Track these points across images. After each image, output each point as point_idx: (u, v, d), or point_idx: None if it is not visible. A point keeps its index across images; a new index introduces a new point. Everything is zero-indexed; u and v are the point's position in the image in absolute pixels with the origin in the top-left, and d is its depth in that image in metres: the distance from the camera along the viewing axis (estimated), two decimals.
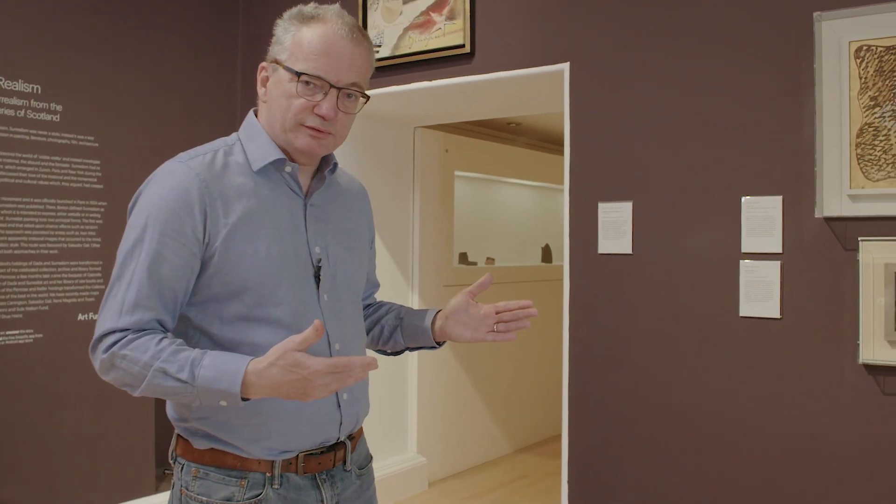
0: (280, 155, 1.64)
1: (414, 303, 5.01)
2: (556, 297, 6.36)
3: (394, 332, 1.92)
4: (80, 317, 3.84)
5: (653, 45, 3.15)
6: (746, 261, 2.93)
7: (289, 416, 1.60)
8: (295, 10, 1.65)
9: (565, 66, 3.35)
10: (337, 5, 1.68)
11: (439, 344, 1.89)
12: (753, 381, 2.91)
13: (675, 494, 3.07)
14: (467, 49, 3.63)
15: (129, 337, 1.49)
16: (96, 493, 3.88)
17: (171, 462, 1.69)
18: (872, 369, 2.70)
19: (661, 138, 3.12)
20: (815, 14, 2.77)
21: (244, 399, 1.46)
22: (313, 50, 1.59)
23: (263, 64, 1.68)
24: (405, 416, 5.06)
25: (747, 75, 2.95)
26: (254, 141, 1.66)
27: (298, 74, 1.58)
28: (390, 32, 3.90)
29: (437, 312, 1.87)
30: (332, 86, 1.60)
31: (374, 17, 3.97)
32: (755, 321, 2.91)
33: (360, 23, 3.98)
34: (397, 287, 4.93)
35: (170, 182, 1.56)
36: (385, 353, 1.98)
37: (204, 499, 1.59)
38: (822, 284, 2.79)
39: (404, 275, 4.98)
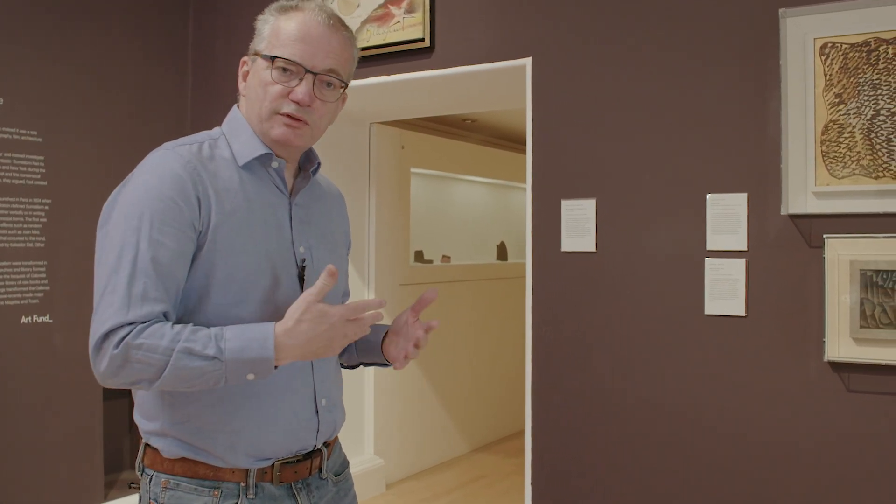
0: (266, 150, 1.59)
1: None
2: (511, 295, 6.35)
3: (349, 345, 1.82)
4: (24, 319, 3.69)
5: (616, 41, 3.11)
6: (711, 258, 2.90)
7: (265, 422, 1.56)
8: (276, 3, 1.62)
9: (527, 61, 3.29)
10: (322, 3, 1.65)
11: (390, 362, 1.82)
12: (719, 379, 2.89)
13: (641, 493, 3.04)
14: (427, 43, 3.56)
15: (140, 327, 1.40)
16: (41, 501, 3.73)
17: (138, 474, 1.62)
18: (838, 367, 2.69)
19: (625, 135, 3.08)
20: (780, 10, 2.75)
21: (275, 367, 1.44)
22: (290, 36, 1.55)
23: (244, 58, 1.64)
24: (362, 417, 4.98)
25: (712, 72, 2.92)
26: (239, 136, 1.62)
27: (273, 59, 1.55)
28: (348, 25, 3.81)
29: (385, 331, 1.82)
30: (307, 71, 1.56)
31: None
32: (720, 319, 2.89)
33: None
34: (353, 286, 4.84)
35: (162, 169, 1.50)
36: (342, 365, 1.90)
37: None
38: (787, 282, 2.78)
39: (360, 273, 4.89)
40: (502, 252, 7.00)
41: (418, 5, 3.59)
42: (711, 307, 2.90)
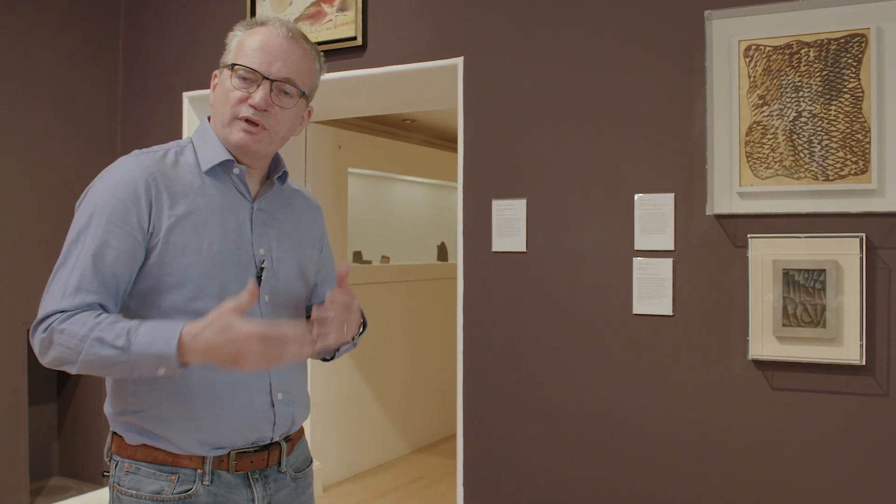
0: (228, 157, 1.69)
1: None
2: (451, 295, 6.32)
3: None
4: None
5: (547, 42, 3.11)
6: (639, 258, 2.92)
7: (221, 411, 1.63)
8: (245, 20, 1.75)
9: (459, 61, 3.29)
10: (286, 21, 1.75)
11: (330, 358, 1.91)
12: (647, 378, 2.91)
13: (571, 492, 3.05)
14: (359, 42, 3.53)
15: (68, 314, 1.51)
16: None
17: (107, 461, 1.71)
18: (761, 364, 2.73)
19: (555, 135, 3.09)
20: (706, 13, 2.78)
21: (183, 365, 1.48)
22: (252, 47, 1.67)
23: (215, 72, 1.74)
24: None
25: (640, 73, 2.94)
26: (205, 143, 1.72)
27: (233, 67, 1.66)
28: None
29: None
30: (264, 77, 1.65)
31: (262, 7, 3.82)
32: (648, 318, 2.91)
33: (249, 12, 3.85)
34: None
35: (119, 173, 1.62)
36: (324, 359, 1.95)
37: (134, 492, 1.61)
38: (712, 281, 2.81)
39: None
40: (443, 253, 7.00)
41: (350, 4, 3.56)
42: (640, 306, 2.92)
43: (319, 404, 5.02)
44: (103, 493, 4.15)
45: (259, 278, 1.70)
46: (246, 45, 1.67)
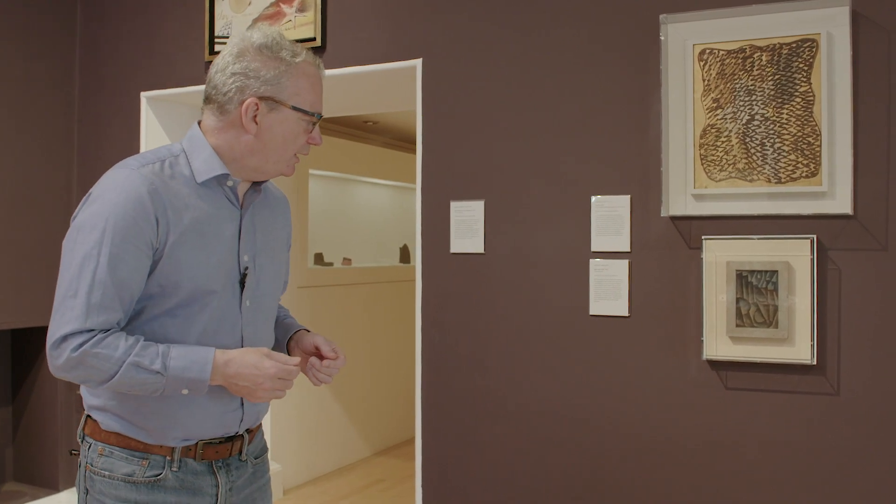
0: (224, 170, 1.75)
1: None
2: (414, 298, 6.32)
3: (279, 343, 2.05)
4: None
5: (505, 44, 3.13)
6: (596, 259, 2.94)
7: (197, 410, 1.74)
8: (261, 44, 1.74)
9: (418, 63, 3.29)
10: (298, 43, 1.82)
11: None
12: (604, 378, 2.93)
13: (529, 493, 3.06)
14: (318, 42, 3.52)
15: (99, 336, 1.60)
16: None
17: (78, 441, 1.81)
18: (716, 365, 2.76)
19: (513, 137, 3.10)
20: (661, 16, 2.81)
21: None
22: (314, 90, 1.78)
23: (254, 100, 1.72)
24: None
25: (598, 76, 2.97)
26: (199, 154, 1.76)
27: (318, 116, 1.78)
28: (239, 23, 3.74)
29: (297, 332, 2.01)
30: (318, 116, 1.80)
31: (221, 7, 3.80)
32: (605, 319, 2.93)
33: (207, 12, 3.82)
34: None
35: (127, 189, 1.65)
36: None
37: (106, 473, 1.72)
38: (668, 282, 2.84)
39: None
40: (405, 255, 6.99)
41: (310, 4, 3.55)
42: (596, 307, 2.94)
43: (280, 407, 4.99)
44: (58, 498, 4.10)
45: (242, 284, 1.80)
46: (303, 86, 1.75)
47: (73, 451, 1.85)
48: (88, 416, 1.79)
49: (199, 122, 1.81)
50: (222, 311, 1.75)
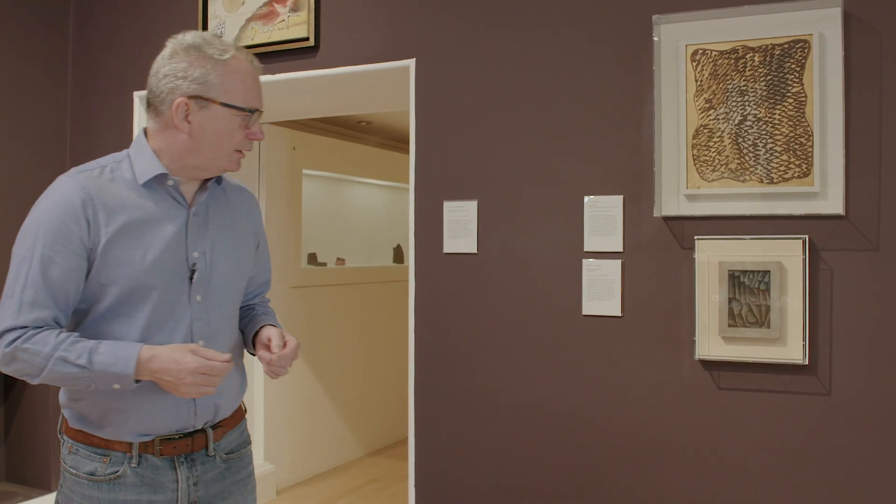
0: (162, 170, 1.81)
1: None
2: (407, 297, 6.31)
3: (246, 337, 2.08)
4: None
5: (498, 44, 3.13)
6: (589, 259, 2.95)
7: (148, 405, 1.79)
8: (189, 44, 1.79)
9: (411, 63, 3.29)
10: (229, 39, 1.82)
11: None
12: (597, 378, 2.94)
13: (522, 492, 3.06)
14: (312, 42, 3.52)
15: (30, 332, 1.69)
16: None
17: (59, 438, 1.89)
18: (708, 364, 2.77)
19: (506, 137, 3.10)
20: (654, 17, 2.82)
21: (136, 381, 1.71)
22: (245, 85, 1.81)
23: (184, 100, 1.77)
24: (252, 422, 4.88)
25: (591, 77, 2.97)
26: (141, 157, 1.83)
27: (250, 112, 1.82)
28: (232, 22, 3.74)
29: (261, 327, 2.02)
30: (259, 112, 1.86)
31: (215, 7, 3.79)
32: (597, 319, 2.94)
33: (201, 12, 3.82)
34: None
35: (58, 194, 1.75)
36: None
37: (73, 471, 1.81)
38: (660, 283, 2.84)
39: None
40: (399, 255, 6.98)
41: (303, 4, 3.54)
42: (589, 307, 2.94)
43: (273, 407, 4.99)
44: (51, 499, 4.09)
45: (191, 280, 1.84)
46: (232, 82, 1.79)
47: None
48: (63, 414, 1.88)
49: (144, 129, 1.88)
50: (167, 306, 1.80)
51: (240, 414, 2.03)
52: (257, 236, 2.09)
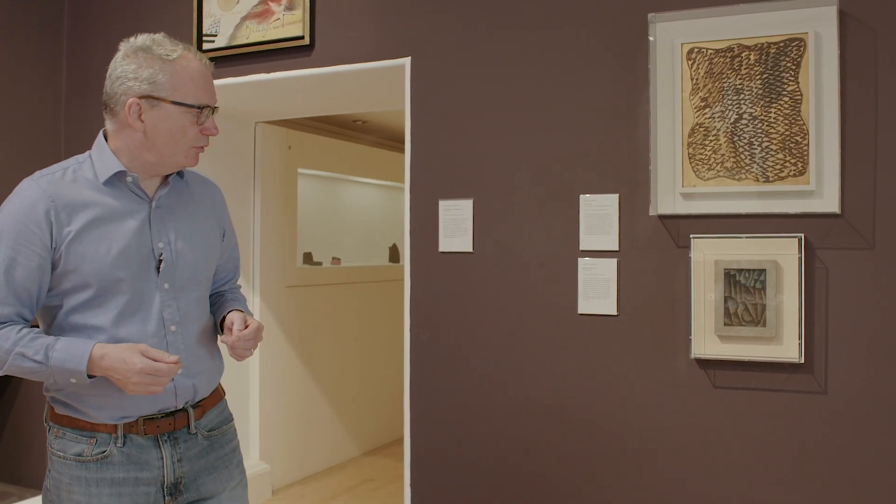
0: (120, 168, 1.89)
1: (255, 304, 4.83)
2: (402, 297, 6.30)
3: (216, 322, 2.16)
4: None
5: (494, 43, 3.13)
6: (585, 258, 2.94)
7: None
8: (139, 46, 1.88)
9: (406, 61, 3.28)
10: (179, 42, 1.93)
11: None
12: (592, 377, 2.93)
13: (517, 491, 3.05)
14: (307, 41, 3.51)
15: None
16: None
17: (45, 426, 1.97)
18: (704, 363, 2.77)
19: (502, 136, 3.10)
20: (649, 15, 2.81)
21: (90, 377, 1.80)
22: (195, 83, 1.89)
23: (135, 100, 1.85)
24: (247, 421, 4.87)
25: (586, 75, 2.96)
26: (100, 158, 1.92)
27: (200, 108, 1.90)
28: (227, 21, 3.73)
29: (228, 312, 2.09)
30: (212, 108, 1.94)
31: (210, 6, 3.78)
32: (593, 318, 2.93)
33: (196, 11, 3.81)
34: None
35: (21, 198, 1.86)
36: None
37: (61, 454, 1.89)
38: (656, 281, 2.84)
39: (245, 275, 4.79)
40: (394, 254, 6.98)
41: (298, 3, 3.53)
42: (585, 306, 2.94)
43: (269, 407, 4.98)
44: None
45: (158, 269, 1.92)
46: (187, 80, 1.88)
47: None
48: (48, 402, 1.96)
49: (103, 131, 1.96)
50: (137, 295, 1.89)
51: (217, 394, 2.11)
52: (222, 226, 2.17)
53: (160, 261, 1.93)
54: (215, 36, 3.75)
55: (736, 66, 2.71)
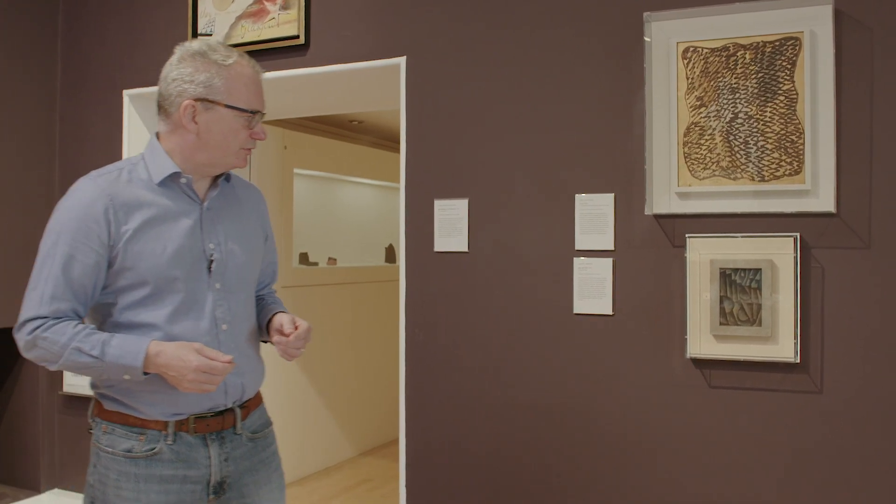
0: (175, 169, 1.96)
1: None
2: (399, 297, 6.28)
3: (259, 326, 2.23)
4: None
5: (489, 42, 3.12)
6: (580, 258, 2.94)
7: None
8: (195, 51, 1.95)
9: (402, 61, 3.27)
10: (234, 48, 2.02)
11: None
12: (588, 377, 2.93)
13: (513, 492, 3.05)
14: (302, 40, 3.50)
15: (50, 322, 1.84)
16: None
17: (90, 422, 2.02)
18: (699, 363, 2.76)
19: (497, 135, 3.09)
20: (644, 14, 2.81)
21: (145, 373, 1.85)
22: (248, 88, 1.97)
23: (191, 102, 1.92)
24: None
25: (581, 74, 2.96)
26: (154, 159, 1.98)
27: (252, 112, 1.97)
28: (222, 21, 3.72)
29: (274, 315, 2.17)
30: (261, 114, 2.02)
31: (204, 5, 3.77)
32: (589, 318, 2.93)
33: (190, 9, 3.80)
34: None
35: (80, 196, 1.91)
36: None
37: (110, 449, 1.93)
38: (652, 281, 2.83)
39: None
40: (391, 254, 6.97)
41: (293, 2, 3.52)
42: (580, 306, 2.93)
43: (265, 406, 4.95)
44: (40, 499, 4.07)
45: (209, 269, 1.99)
46: (241, 86, 1.96)
47: (90, 430, 2.03)
48: (95, 399, 2.00)
49: (156, 133, 2.02)
50: (190, 293, 1.95)
51: (259, 396, 2.22)
52: (265, 230, 2.26)
53: (211, 261, 2.00)
54: (210, 35, 3.73)
55: (731, 66, 2.71)
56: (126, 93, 3.97)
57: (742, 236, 2.68)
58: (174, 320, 1.92)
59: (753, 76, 2.68)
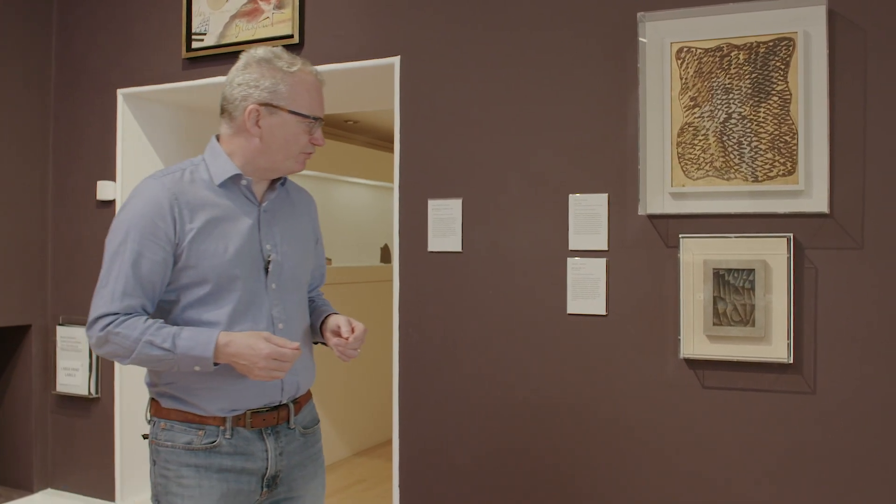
0: (236, 171, 2.01)
1: None
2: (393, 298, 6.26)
3: (312, 327, 2.27)
4: None
5: (483, 42, 3.12)
6: (574, 258, 2.93)
7: (237, 381, 1.97)
8: (261, 57, 1.99)
9: (396, 60, 3.27)
10: (297, 56, 2.05)
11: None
12: (581, 377, 2.92)
13: (506, 492, 3.04)
14: (296, 40, 3.50)
15: (121, 318, 1.89)
16: None
17: (147, 422, 2.06)
18: (693, 363, 2.76)
19: (491, 135, 3.09)
20: (639, 14, 2.80)
21: (215, 364, 1.89)
22: (310, 95, 2.02)
23: (255, 106, 1.97)
24: None
25: (575, 75, 2.96)
26: (216, 161, 2.03)
27: (314, 119, 2.02)
28: (216, 20, 3.71)
29: (328, 316, 2.23)
30: (321, 120, 2.06)
31: (199, 4, 3.76)
32: (582, 318, 2.92)
33: (185, 8, 3.79)
34: None
35: (147, 195, 1.95)
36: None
37: (169, 444, 1.97)
38: (645, 281, 2.83)
39: None
40: (386, 255, 6.96)
41: (287, 1, 3.52)
42: (574, 306, 2.93)
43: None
44: (33, 500, 4.05)
45: (266, 270, 2.04)
46: (299, 92, 1.99)
47: (145, 435, 2.11)
48: (152, 399, 2.05)
49: (217, 136, 2.07)
50: (249, 293, 2.00)
51: (309, 393, 2.24)
52: (315, 232, 2.31)
53: (268, 262, 2.04)
54: (204, 34, 3.73)
55: (725, 66, 2.71)
56: (120, 92, 3.97)
57: (735, 237, 2.68)
58: (234, 319, 1.97)
59: (747, 76, 2.68)
